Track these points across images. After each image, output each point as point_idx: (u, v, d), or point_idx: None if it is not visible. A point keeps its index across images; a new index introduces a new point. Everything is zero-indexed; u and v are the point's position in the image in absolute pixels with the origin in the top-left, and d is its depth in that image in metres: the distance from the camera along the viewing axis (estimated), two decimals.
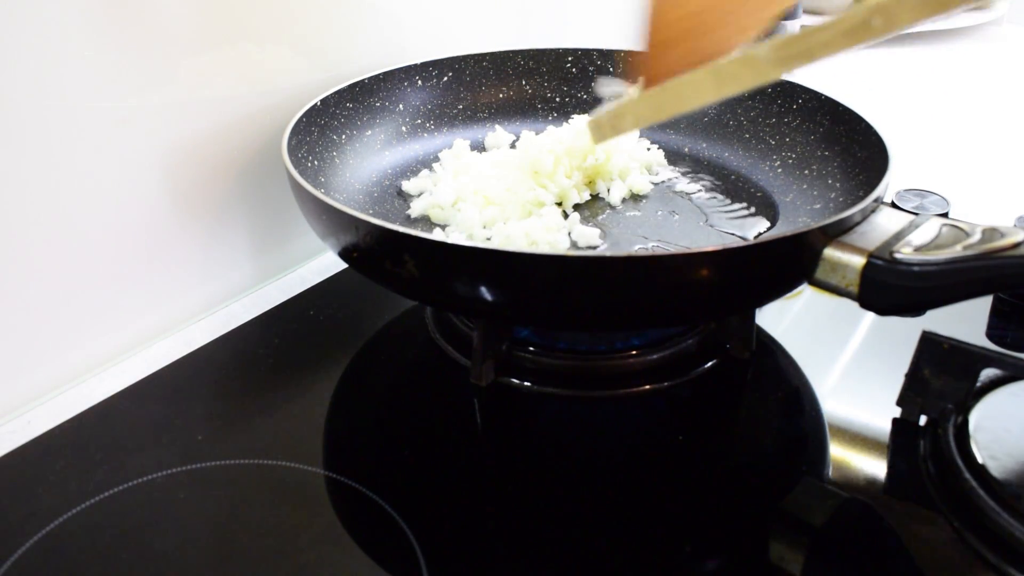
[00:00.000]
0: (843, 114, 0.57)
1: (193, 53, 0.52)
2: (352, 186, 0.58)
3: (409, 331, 0.55)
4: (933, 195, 0.62)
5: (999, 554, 0.38)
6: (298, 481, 0.42)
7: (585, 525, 0.40)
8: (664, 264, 0.39)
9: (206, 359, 0.52)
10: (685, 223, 0.57)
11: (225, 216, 0.57)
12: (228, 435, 0.46)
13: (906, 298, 0.39)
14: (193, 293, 0.57)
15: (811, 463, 0.44)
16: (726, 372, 0.50)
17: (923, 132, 0.90)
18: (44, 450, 0.44)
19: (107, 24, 0.47)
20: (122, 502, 0.41)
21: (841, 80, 1.04)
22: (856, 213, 0.43)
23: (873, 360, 0.52)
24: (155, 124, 0.51)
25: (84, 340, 0.51)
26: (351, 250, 0.45)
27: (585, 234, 0.54)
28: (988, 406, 0.44)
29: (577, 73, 0.71)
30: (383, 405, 0.49)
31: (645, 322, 0.49)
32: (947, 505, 0.40)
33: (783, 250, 0.41)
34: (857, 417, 0.47)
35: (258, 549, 0.38)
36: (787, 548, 0.39)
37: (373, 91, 0.63)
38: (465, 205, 0.54)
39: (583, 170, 0.60)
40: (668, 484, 0.43)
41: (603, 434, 0.46)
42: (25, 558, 0.38)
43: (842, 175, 0.55)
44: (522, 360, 0.50)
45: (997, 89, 1.06)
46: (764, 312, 0.56)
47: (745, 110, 0.65)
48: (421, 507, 0.41)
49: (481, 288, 0.41)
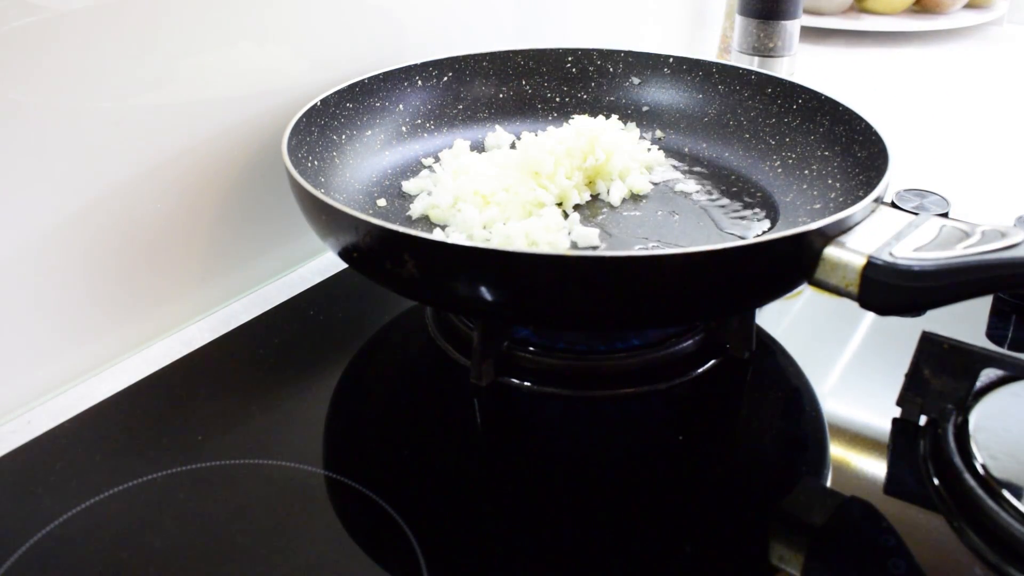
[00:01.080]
0: (843, 114, 0.57)
1: (193, 53, 0.52)
2: (352, 186, 0.58)
3: (409, 331, 0.55)
4: (933, 195, 0.62)
5: (999, 554, 0.38)
6: (298, 481, 0.42)
7: (585, 525, 0.40)
8: (664, 264, 0.39)
9: (206, 359, 0.52)
10: (685, 223, 0.57)
11: (225, 216, 0.57)
12: (228, 435, 0.46)
13: (906, 298, 0.39)
14: (193, 293, 0.57)
15: (811, 463, 0.44)
16: (726, 372, 0.50)
17: (923, 132, 0.90)
18: (44, 450, 0.44)
19: (107, 24, 0.47)
20: (122, 502, 0.41)
21: (841, 80, 1.05)
22: (856, 213, 0.43)
23: (873, 360, 0.52)
24: (155, 124, 0.51)
25: (84, 340, 0.51)
26: (351, 250, 0.45)
27: (585, 234, 0.54)
28: (988, 406, 0.44)
29: (577, 73, 0.71)
30: (383, 405, 0.49)
31: (645, 322, 0.49)
32: (947, 505, 0.40)
33: (783, 250, 0.41)
34: (857, 417, 0.47)
35: (258, 549, 0.38)
36: (787, 548, 0.39)
37: (373, 91, 0.63)
38: (465, 205, 0.54)
39: (583, 170, 0.60)
40: (668, 484, 0.43)
41: (603, 434, 0.46)
42: (25, 558, 0.38)
43: (842, 175, 0.55)
44: (522, 360, 0.50)
45: (997, 89, 1.06)
46: (764, 312, 0.56)
47: (745, 110, 0.65)
48: (421, 507, 0.41)
49: (481, 288, 0.41)
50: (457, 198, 0.56)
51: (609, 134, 0.61)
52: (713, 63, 0.68)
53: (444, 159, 0.62)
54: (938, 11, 1.27)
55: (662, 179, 0.62)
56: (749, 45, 0.85)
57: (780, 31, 0.83)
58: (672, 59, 0.69)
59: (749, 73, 0.65)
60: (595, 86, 0.71)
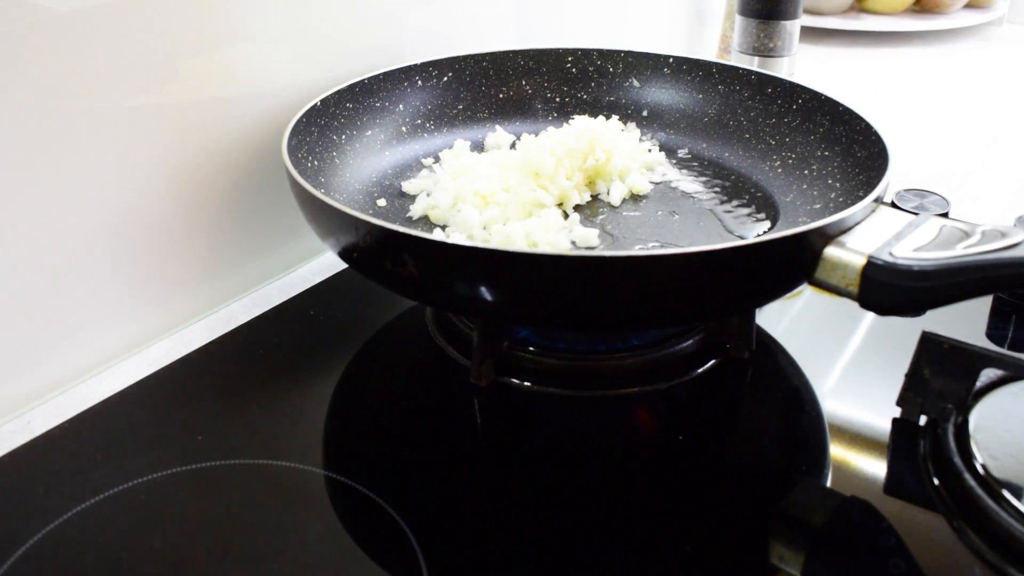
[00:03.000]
0: (843, 114, 0.57)
1: (193, 53, 0.52)
2: (352, 186, 0.58)
3: (409, 331, 0.55)
4: (933, 195, 0.62)
5: (999, 554, 0.38)
6: (298, 481, 0.42)
7: (585, 525, 0.40)
8: (664, 264, 0.39)
9: (206, 359, 0.52)
10: (685, 223, 0.57)
11: (225, 216, 0.57)
12: (228, 435, 0.46)
13: (906, 298, 0.39)
14: (193, 293, 0.57)
15: (811, 463, 0.44)
16: (726, 372, 0.50)
17: (923, 132, 0.90)
18: (44, 450, 0.44)
19: (107, 24, 0.47)
20: (122, 502, 0.41)
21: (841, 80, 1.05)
22: (856, 213, 0.43)
23: (873, 360, 0.52)
24: (155, 124, 0.51)
25: (84, 340, 0.51)
26: (351, 250, 0.45)
27: (585, 235, 0.54)
28: (988, 406, 0.44)
29: (577, 73, 0.71)
30: (383, 405, 0.49)
31: (645, 322, 0.49)
32: (947, 505, 0.40)
33: (783, 250, 0.41)
34: (857, 417, 0.47)
35: (258, 549, 0.38)
36: (787, 548, 0.39)
37: (373, 91, 0.63)
38: (465, 206, 0.54)
39: (583, 171, 0.60)
40: (668, 484, 0.43)
41: (603, 434, 0.46)
42: (25, 558, 0.38)
43: (842, 175, 0.55)
44: (522, 360, 0.50)
45: (997, 89, 1.06)
46: (764, 312, 0.56)
47: (745, 110, 0.65)
48: (421, 507, 0.41)
49: (481, 288, 0.41)
50: (457, 198, 0.56)
51: (609, 135, 0.61)
52: (713, 63, 0.68)
53: (444, 159, 0.62)
54: (938, 11, 1.27)
55: (662, 179, 0.62)
56: (749, 45, 0.85)
57: (780, 31, 0.83)
58: (672, 59, 0.69)
59: (749, 73, 0.65)
60: (595, 86, 0.71)
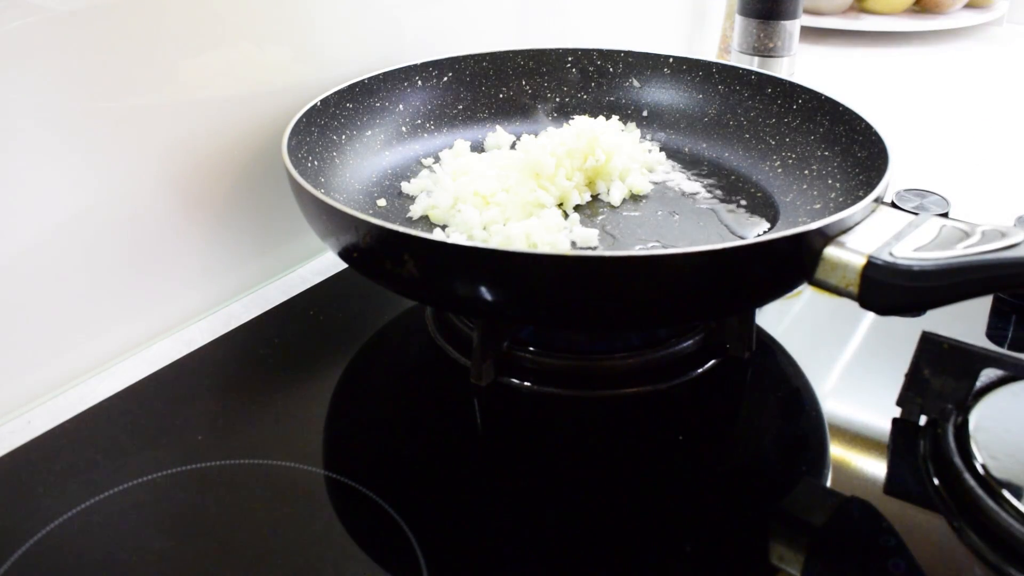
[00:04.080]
0: (843, 114, 0.57)
1: (193, 53, 0.52)
2: (352, 186, 0.58)
3: (409, 331, 0.55)
4: (933, 195, 0.62)
5: (999, 554, 0.38)
6: (298, 481, 0.42)
7: (585, 525, 0.40)
8: (664, 264, 0.39)
9: (206, 359, 0.52)
10: (685, 223, 0.57)
11: (225, 216, 0.57)
12: (228, 435, 0.46)
13: (906, 298, 0.39)
14: (193, 293, 0.57)
15: (811, 463, 0.44)
16: (726, 372, 0.50)
17: (923, 132, 0.90)
18: (44, 450, 0.44)
19: (107, 24, 0.47)
20: (122, 502, 0.41)
21: (841, 80, 1.05)
22: (856, 213, 0.43)
23: (873, 360, 0.52)
24: (155, 124, 0.51)
25: (84, 340, 0.51)
26: (351, 250, 0.45)
27: (585, 235, 0.54)
28: (988, 406, 0.44)
29: (577, 73, 0.71)
30: (383, 405, 0.49)
31: (645, 322, 0.49)
32: (947, 505, 0.40)
33: (783, 250, 0.41)
34: (857, 417, 0.47)
35: (258, 549, 0.38)
36: (787, 548, 0.39)
37: (373, 91, 0.63)
38: (465, 206, 0.54)
39: (584, 171, 0.60)
40: (668, 484, 0.43)
41: (603, 434, 0.46)
42: (25, 558, 0.38)
43: (842, 175, 0.55)
44: (522, 360, 0.50)
45: (997, 89, 1.06)
46: (764, 312, 0.56)
47: (745, 110, 0.65)
48: (421, 507, 0.41)
49: (481, 288, 0.41)
50: (457, 198, 0.56)
51: (609, 135, 0.61)
52: (713, 63, 0.68)
53: (444, 159, 0.62)
54: (938, 11, 1.27)
55: (662, 179, 0.62)
56: (749, 45, 0.85)
57: (780, 31, 0.84)
58: (672, 59, 0.69)
59: (749, 73, 0.65)
60: (595, 86, 0.71)
